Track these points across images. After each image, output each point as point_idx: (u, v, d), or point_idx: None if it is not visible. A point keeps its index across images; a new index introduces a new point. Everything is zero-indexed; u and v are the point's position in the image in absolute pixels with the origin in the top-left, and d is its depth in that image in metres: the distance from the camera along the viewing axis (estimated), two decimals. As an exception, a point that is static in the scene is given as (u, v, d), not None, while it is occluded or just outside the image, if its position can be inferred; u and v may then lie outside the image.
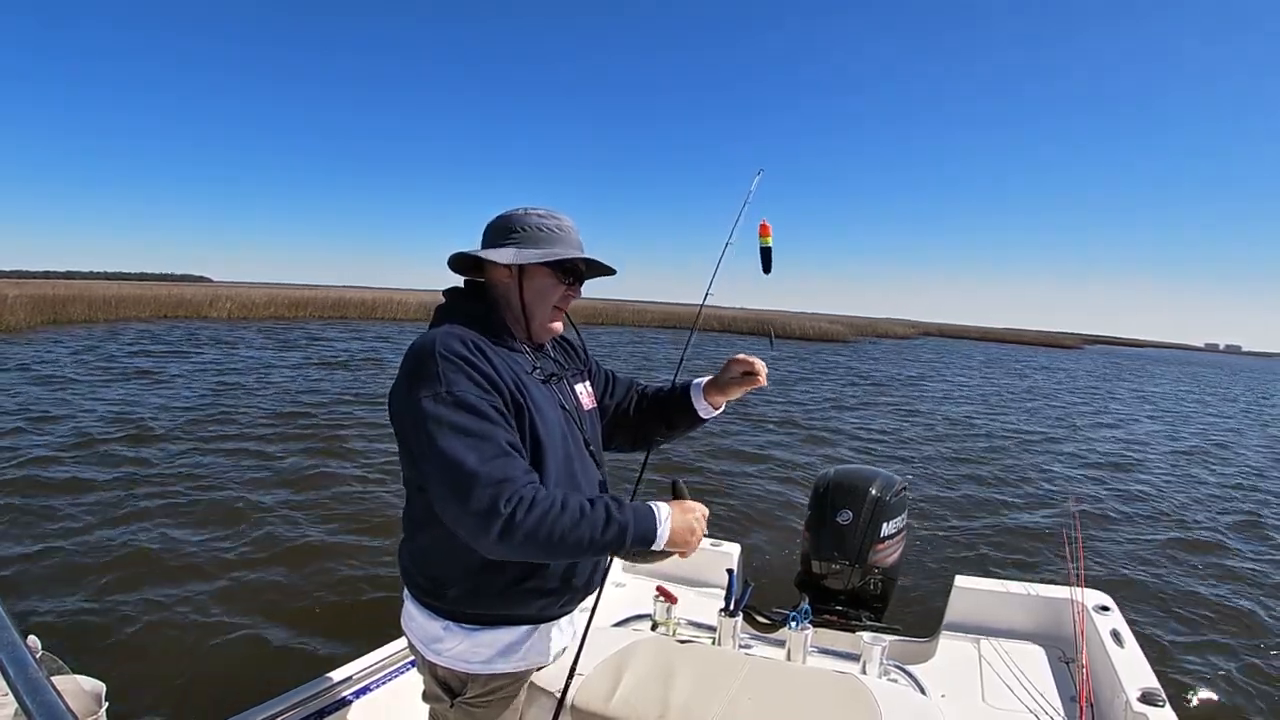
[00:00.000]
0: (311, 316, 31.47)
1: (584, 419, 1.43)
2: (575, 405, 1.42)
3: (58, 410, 8.68)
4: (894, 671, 2.03)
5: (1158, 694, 1.81)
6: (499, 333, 1.31)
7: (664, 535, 1.18)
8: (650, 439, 1.63)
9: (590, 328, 34.51)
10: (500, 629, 1.30)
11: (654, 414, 1.62)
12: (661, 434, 1.63)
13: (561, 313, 1.39)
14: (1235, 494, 8.35)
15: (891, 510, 2.62)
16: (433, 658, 1.31)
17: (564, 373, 1.44)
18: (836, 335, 39.68)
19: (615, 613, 2.35)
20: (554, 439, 1.27)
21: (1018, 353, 48.35)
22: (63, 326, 20.69)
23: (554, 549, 1.11)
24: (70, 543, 4.59)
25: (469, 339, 1.22)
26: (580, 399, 1.46)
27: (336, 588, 4.15)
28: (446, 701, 1.32)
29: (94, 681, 1.52)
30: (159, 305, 26.93)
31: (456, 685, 1.31)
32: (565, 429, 1.33)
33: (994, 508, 6.83)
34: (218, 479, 6.19)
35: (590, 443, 1.41)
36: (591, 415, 1.48)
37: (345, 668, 1.87)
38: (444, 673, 1.31)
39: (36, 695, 0.61)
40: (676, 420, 1.61)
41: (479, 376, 1.16)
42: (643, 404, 1.64)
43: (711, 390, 1.57)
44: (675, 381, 1.64)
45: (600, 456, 1.46)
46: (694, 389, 1.58)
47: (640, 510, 1.19)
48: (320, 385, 12.07)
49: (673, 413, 1.60)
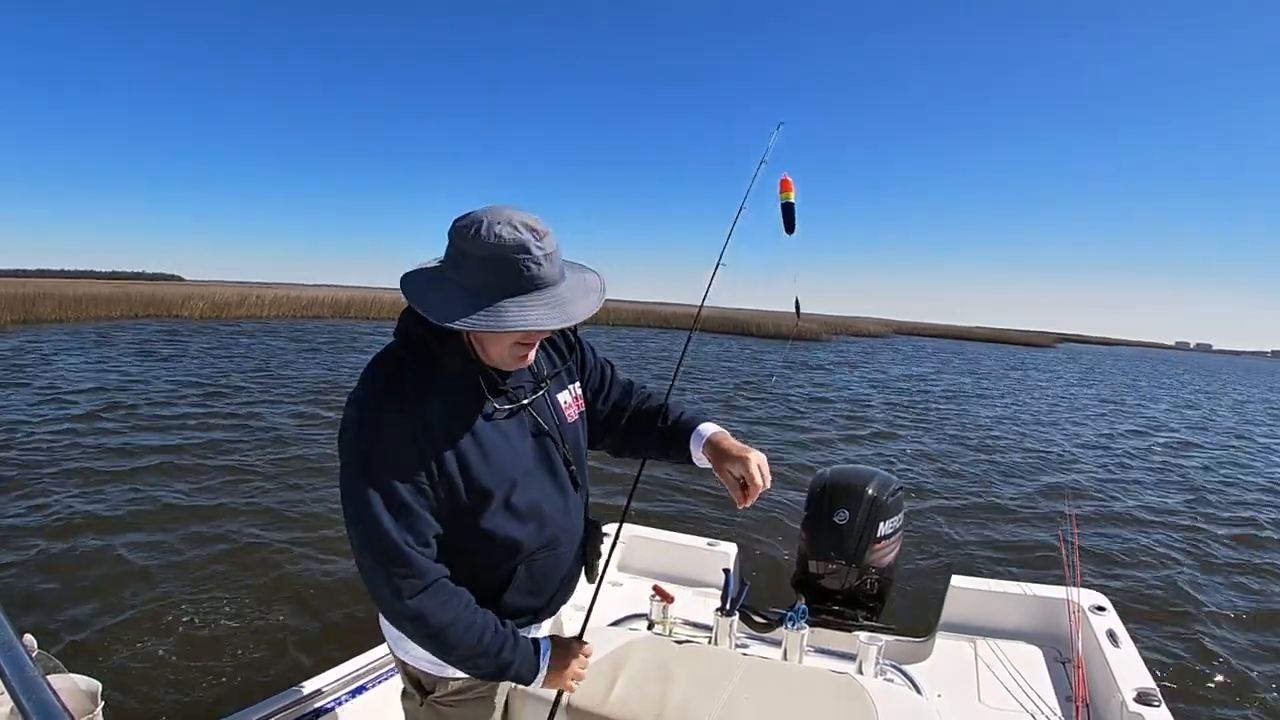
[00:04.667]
0: (286, 315, 31.17)
1: (564, 435, 1.31)
2: (556, 421, 1.29)
3: (53, 403, 8.66)
4: (890, 671, 2.03)
5: (1153, 694, 1.82)
6: (444, 363, 1.14)
7: (539, 681, 1.22)
8: (638, 454, 1.48)
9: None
10: None
11: (647, 432, 1.45)
12: (652, 455, 1.46)
13: (527, 349, 1.16)
14: (1232, 493, 8.38)
15: (888, 510, 2.62)
16: (402, 655, 1.30)
17: (542, 386, 1.27)
18: (810, 333, 39.52)
19: (611, 612, 2.35)
20: (516, 475, 1.20)
21: (995, 351, 48.49)
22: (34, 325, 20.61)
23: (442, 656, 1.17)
24: (65, 542, 4.58)
25: (392, 374, 1.14)
26: (564, 409, 1.32)
27: (332, 588, 4.14)
28: (417, 699, 1.31)
29: (90, 680, 1.51)
30: (130, 304, 26.76)
31: (427, 683, 1.30)
32: (537, 458, 1.24)
33: (990, 508, 6.84)
34: (217, 478, 6.18)
35: (571, 462, 1.31)
36: (575, 426, 1.35)
37: (340, 668, 1.87)
38: (414, 670, 1.30)
39: (32, 694, 0.61)
40: (671, 451, 1.46)
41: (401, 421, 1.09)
42: (639, 418, 1.48)
43: (709, 451, 1.39)
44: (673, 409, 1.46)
45: (581, 475, 1.35)
46: (695, 438, 1.41)
47: (525, 658, 1.20)
48: (319, 383, 12.06)
49: (669, 444, 1.45)
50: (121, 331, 19.99)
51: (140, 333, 19.92)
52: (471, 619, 1.14)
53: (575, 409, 1.36)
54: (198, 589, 4.03)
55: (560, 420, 1.31)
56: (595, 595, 1.36)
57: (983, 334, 78.37)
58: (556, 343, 1.36)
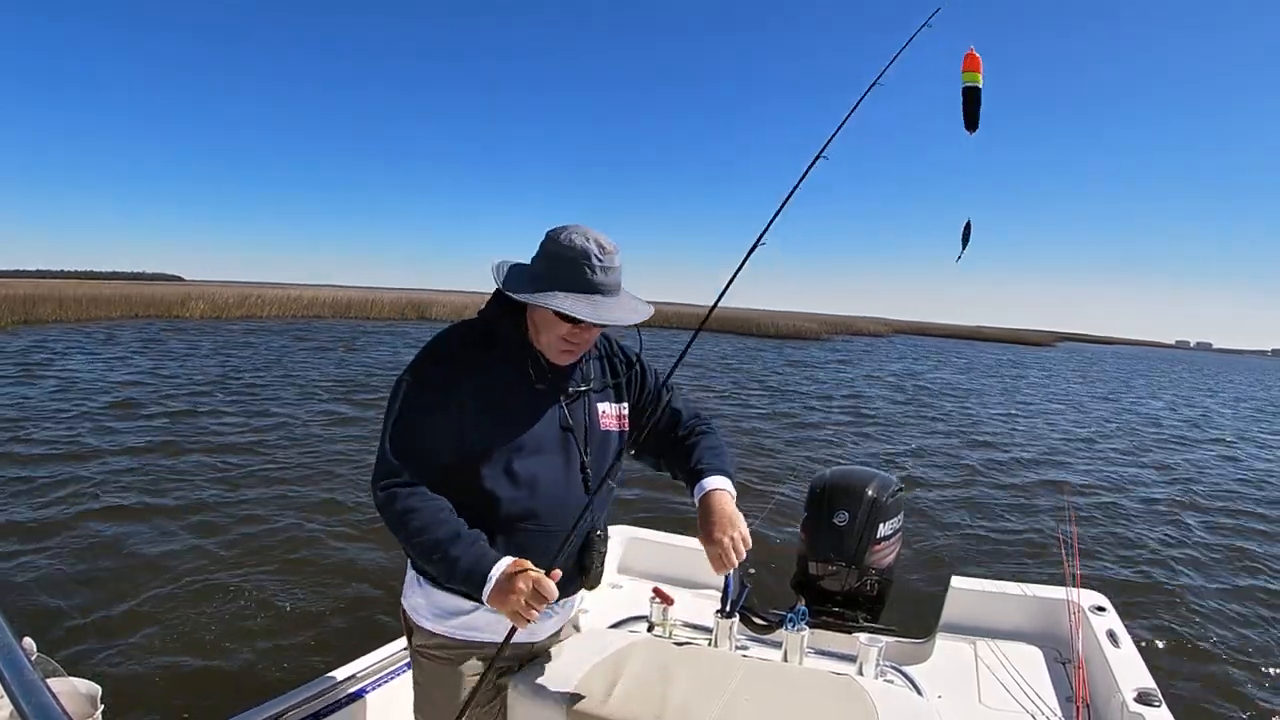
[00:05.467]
0: (286, 315, 31.15)
1: (591, 440, 1.43)
2: (588, 424, 1.43)
3: (54, 407, 8.66)
4: (890, 672, 2.03)
5: (1154, 694, 1.82)
6: (501, 341, 1.38)
7: (486, 593, 1.24)
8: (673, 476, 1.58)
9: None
10: (449, 595, 1.38)
11: (674, 464, 1.56)
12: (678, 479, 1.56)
13: (573, 345, 1.36)
14: (1233, 492, 8.38)
15: (888, 511, 2.62)
16: (403, 600, 1.48)
17: (584, 390, 1.43)
18: (810, 332, 39.48)
19: (611, 614, 2.35)
20: (525, 444, 1.34)
21: (995, 350, 48.53)
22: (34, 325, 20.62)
23: (407, 545, 1.32)
24: (65, 545, 4.58)
25: (456, 338, 1.39)
26: (599, 417, 1.46)
27: (335, 587, 4.15)
28: (406, 642, 1.49)
29: (89, 684, 1.51)
30: (130, 304, 26.81)
31: (411, 630, 1.47)
32: (555, 446, 1.37)
33: (990, 508, 6.85)
34: (214, 479, 6.18)
35: (588, 466, 1.42)
36: (607, 437, 1.47)
37: (344, 668, 1.86)
38: (406, 616, 1.47)
39: (31, 698, 0.61)
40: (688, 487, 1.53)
41: (438, 372, 1.34)
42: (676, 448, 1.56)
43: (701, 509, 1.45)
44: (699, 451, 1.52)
45: (597, 480, 1.41)
46: (698, 489, 1.47)
47: (475, 563, 1.24)
48: (315, 383, 12.05)
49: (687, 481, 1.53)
50: (127, 331, 20.01)
51: (144, 332, 19.94)
52: (436, 516, 1.28)
53: (614, 423, 1.49)
54: (199, 591, 4.03)
55: (591, 424, 1.44)
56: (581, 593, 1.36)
57: (983, 333, 78.38)
58: (615, 361, 1.53)
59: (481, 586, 1.23)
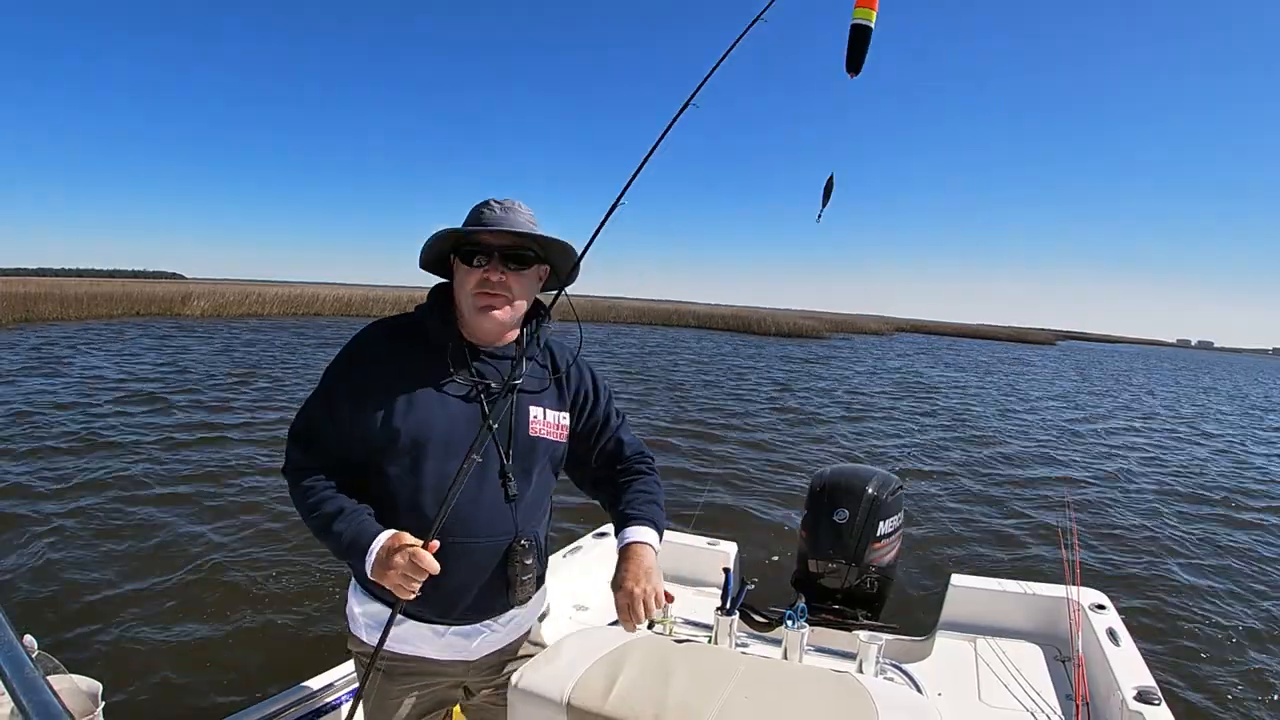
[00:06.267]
0: (288, 313, 31.14)
1: (516, 442, 1.35)
2: (513, 425, 1.34)
3: (53, 407, 8.67)
4: (890, 670, 2.04)
5: (1153, 692, 1.82)
6: (425, 333, 1.36)
7: (368, 566, 1.24)
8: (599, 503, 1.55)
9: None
10: (380, 605, 1.36)
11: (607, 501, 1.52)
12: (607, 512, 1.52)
13: (490, 293, 1.29)
14: (1232, 490, 8.37)
15: (888, 509, 2.62)
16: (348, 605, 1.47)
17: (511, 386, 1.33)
18: (811, 331, 39.48)
19: (610, 612, 2.36)
20: (431, 438, 1.29)
21: (995, 348, 48.52)
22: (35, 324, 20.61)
23: (308, 526, 1.32)
24: (66, 542, 4.58)
25: (379, 330, 1.39)
26: (530, 422, 1.37)
27: (334, 587, 4.15)
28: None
29: (90, 681, 1.51)
30: (132, 302, 26.80)
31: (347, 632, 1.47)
32: (469, 443, 1.25)
33: (990, 506, 6.85)
34: (214, 478, 6.18)
35: (509, 471, 1.33)
36: (535, 443, 1.38)
37: (340, 668, 1.87)
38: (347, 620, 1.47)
39: (33, 695, 0.61)
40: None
41: (351, 366, 1.34)
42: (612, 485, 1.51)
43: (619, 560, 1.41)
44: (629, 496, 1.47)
45: (521, 487, 1.35)
46: (621, 537, 1.43)
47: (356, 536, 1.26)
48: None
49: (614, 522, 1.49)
50: (130, 329, 20.02)
51: (147, 331, 19.94)
52: (325, 493, 1.30)
53: (548, 430, 1.40)
54: (203, 589, 4.04)
55: (517, 426, 1.36)
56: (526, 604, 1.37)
57: (984, 331, 78.35)
58: (559, 369, 1.45)
59: (363, 559, 1.24)
